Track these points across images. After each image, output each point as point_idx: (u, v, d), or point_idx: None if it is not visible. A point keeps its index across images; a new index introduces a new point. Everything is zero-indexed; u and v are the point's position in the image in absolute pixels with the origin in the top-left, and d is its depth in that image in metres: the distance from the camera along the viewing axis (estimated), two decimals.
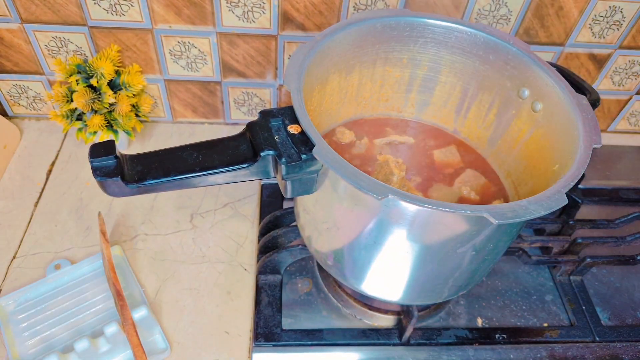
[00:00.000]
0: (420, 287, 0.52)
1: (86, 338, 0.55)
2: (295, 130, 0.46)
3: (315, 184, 0.47)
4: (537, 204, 0.40)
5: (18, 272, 0.64)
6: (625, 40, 0.77)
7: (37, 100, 0.81)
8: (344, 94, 0.61)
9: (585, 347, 0.62)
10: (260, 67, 0.77)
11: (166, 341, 0.58)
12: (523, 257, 0.66)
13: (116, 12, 0.69)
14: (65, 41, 0.72)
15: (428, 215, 0.41)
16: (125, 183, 0.44)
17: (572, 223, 0.70)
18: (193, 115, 0.85)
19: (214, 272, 0.66)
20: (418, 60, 0.60)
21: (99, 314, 0.60)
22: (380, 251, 0.47)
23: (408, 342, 0.60)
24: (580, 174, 0.43)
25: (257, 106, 0.83)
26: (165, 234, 0.70)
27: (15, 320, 0.59)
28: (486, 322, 0.64)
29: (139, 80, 0.74)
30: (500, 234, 0.46)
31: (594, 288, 0.68)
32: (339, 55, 0.56)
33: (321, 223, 0.51)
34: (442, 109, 0.64)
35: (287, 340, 0.59)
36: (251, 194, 0.76)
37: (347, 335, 0.60)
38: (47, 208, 0.72)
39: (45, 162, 0.78)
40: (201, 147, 0.47)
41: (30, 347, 0.57)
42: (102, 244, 0.61)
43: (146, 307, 0.59)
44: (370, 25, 0.55)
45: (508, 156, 0.60)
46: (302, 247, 0.62)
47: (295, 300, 0.64)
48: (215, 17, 0.70)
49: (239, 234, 0.71)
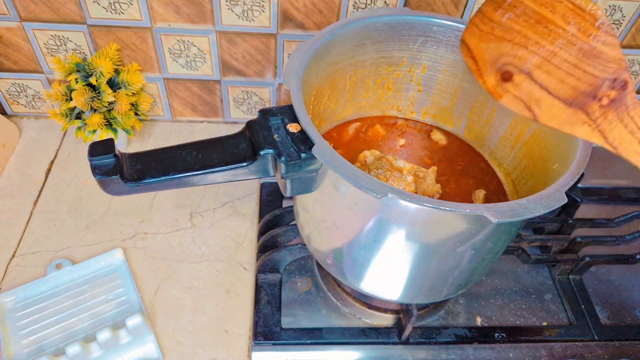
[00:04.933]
0: (420, 286, 0.52)
1: (78, 342, 0.54)
2: (294, 129, 0.46)
3: (315, 182, 0.47)
4: (536, 203, 0.40)
5: (17, 270, 0.64)
6: (625, 39, 0.77)
7: (36, 99, 0.81)
8: (344, 93, 0.61)
9: (584, 346, 0.62)
10: (260, 65, 0.77)
11: (159, 351, 0.58)
12: (522, 256, 0.66)
13: (115, 10, 0.69)
14: (64, 40, 0.72)
15: (427, 214, 0.41)
16: (125, 182, 0.44)
17: (572, 222, 0.70)
18: (192, 114, 0.85)
19: (214, 271, 0.66)
20: (418, 59, 0.60)
21: (95, 317, 0.60)
22: (380, 250, 0.47)
23: (407, 341, 0.60)
24: (580, 173, 0.43)
25: (257, 105, 0.83)
26: (164, 232, 0.70)
27: (13, 318, 0.59)
28: (485, 321, 0.64)
29: (138, 79, 0.74)
30: (500, 233, 0.46)
31: (593, 287, 0.68)
32: (338, 54, 0.55)
33: (320, 222, 0.51)
34: (442, 108, 0.64)
35: (287, 339, 0.59)
36: (250, 193, 0.76)
37: (347, 334, 0.60)
38: (46, 207, 0.72)
39: (44, 160, 0.78)
40: (200, 145, 0.47)
41: (25, 346, 0.57)
42: None
43: (141, 314, 0.57)
44: (370, 24, 0.55)
45: (508, 155, 0.60)
46: (302, 246, 0.62)
47: (295, 299, 0.64)
48: (214, 15, 0.70)
49: (239, 233, 0.71)
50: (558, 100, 0.40)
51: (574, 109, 0.40)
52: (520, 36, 0.41)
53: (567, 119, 0.40)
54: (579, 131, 0.40)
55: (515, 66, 0.42)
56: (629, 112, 0.38)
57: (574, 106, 0.40)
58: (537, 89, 0.41)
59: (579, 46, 0.39)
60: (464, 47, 0.46)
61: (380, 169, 0.56)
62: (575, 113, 0.40)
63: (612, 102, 0.38)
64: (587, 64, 0.39)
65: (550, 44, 0.40)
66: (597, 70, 0.38)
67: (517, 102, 0.43)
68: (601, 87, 0.38)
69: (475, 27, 0.45)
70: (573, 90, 0.39)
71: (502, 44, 0.42)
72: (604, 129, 0.39)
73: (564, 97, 0.40)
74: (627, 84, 0.38)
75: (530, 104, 0.42)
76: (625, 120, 0.38)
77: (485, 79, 0.44)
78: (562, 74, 0.40)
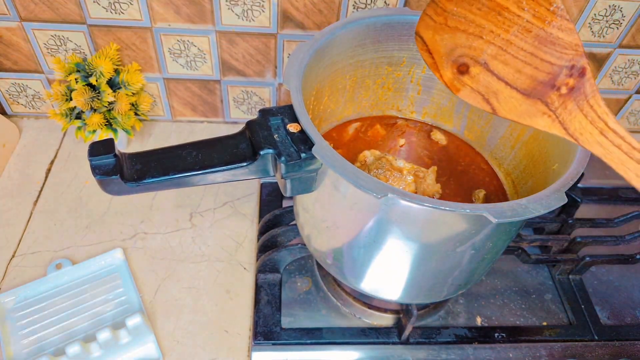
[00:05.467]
0: (420, 286, 0.52)
1: (78, 342, 0.54)
2: (294, 128, 0.46)
3: (315, 182, 0.47)
4: (536, 203, 0.40)
5: (17, 270, 0.64)
6: (625, 39, 0.77)
7: (36, 99, 0.81)
8: (344, 93, 0.61)
9: (584, 346, 0.62)
10: (260, 65, 0.77)
11: (159, 351, 0.58)
12: (522, 256, 0.66)
13: (115, 10, 0.69)
14: (64, 40, 0.72)
15: (427, 214, 0.41)
16: (125, 181, 0.44)
17: (572, 222, 0.70)
18: (192, 114, 0.85)
19: (213, 270, 0.66)
20: (417, 59, 0.60)
21: (94, 317, 0.60)
22: (380, 250, 0.47)
23: (407, 341, 0.60)
24: (580, 173, 0.43)
25: (257, 105, 0.83)
26: (164, 232, 0.70)
27: (13, 318, 0.59)
28: (485, 321, 0.64)
29: (138, 79, 0.74)
30: (500, 233, 0.46)
31: (593, 287, 0.68)
32: (338, 54, 0.55)
33: (320, 222, 0.51)
34: (442, 108, 0.64)
35: (287, 339, 0.59)
36: (250, 193, 0.76)
37: (347, 334, 0.60)
38: (46, 207, 0.72)
39: (44, 160, 0.78)
40: (200, 145, 0.47)
41: (25, 346, 0.57)
42: None
43: (141, 314, 0.58)
44: (370, 24, 0.55)
45: (507, 155, 0.60)
46: (302, 245, 0.62)
47: (295, 299, 0.64)
48: (214, 15, 0.70)
49: (238, 233, 0.71)
50: (516, 91, 0.39)
51: (532, 99, 0.38)
52: (474, 26, 0.39)
53: (526, 110, 0.39)
54: (539, 123, 0.38)
55: (471, 57, 0.40)
56: (589, 101, 0.36)
57: (532, 97, 0.38)
58: (494, 81, 0.40)
59: (535, 33, 0.37)
60: (419, 40, 0.44)
61: (380, 169, 0.56)
62: (534, 104, 0.38)
63: (571, 90, 0.36)
64: (543, 52, 0.37)
65: (506, 32, 0.38)
66: (554, 58, 0.37)
67: (474, 95, 0.41)
68: (559, 75, 0.37)
69: (429, 19, 0.43)
70: (531, 80, 0.38)
71: (456, 34, 0.41)
72: (564, 119, 0.37)
73: (522, 87, 0.38)
74: (584, 71, 0.36)
75: (488, 96, 0.40)
76: (585, 110, 0.36)
77: (442, 72, 0.42)
78: (519, 63, 0.38)
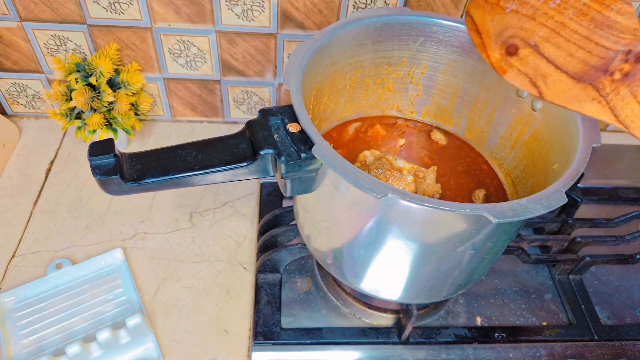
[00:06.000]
0: (420, 286, 0.52)
1: (78, 342, 0.54)
2: (294, 128, 0.46)
3: (315, 182, 0.47)
4: (536, 203, 0.40)
5: (17, 270, 0.64)
6: None
7: (36, 99, 0.81)
8: (344, 93, 0.61)
9: (584, 346, 0.62)
10: (260, 65, 0.77)
11: (159, 351, 0.58)
12: (522, 256, 0.66)
13: (115, 10, 0.69)
14: (64, 39, 0.72)
15: (427, 214, 0.41)
16: (125, 181, 0.44)
17: (572, 222, 0.70)
18: (192, 114, 0.85)
19: (213, 270, 0.66)
20: (417, 59, 0.60)
21: (94, 317, 0.60)
22: (380, 250, 0.47)
23: (407, 340, 0.60)
24: (580, 173, 0.43)
25: (257, 105, 0.83)
26: (164, 232, 0.70)
27: (13, 318, 0.59)
28: (485, 321, 0.64)
29: (138, 79, 0.74)
30: (500, 233, 0.46)
31: (593, 287, 0.68)
32: (338, 54, 0.55)
33: (320, 222, 0.51)
34: (442, 108, 0.64)
35: (287, 339, 0.59)
36: (250, 193, 0.76)
37: (347, 334, 0.60)
38: (46, 207, 0.72)
39: (44, 160, 0.78)
40: (200, 145, 0.47)
41: (25, 346, 0.57)
42: None
43: (141, 314, 0.57)
44: (370, 24, 0.55)
45: (507, 155, 0.60)
46: (302, 245, 0.62)
47: (295, 299, 0.64)
48: (214, 15, 0.70)
49: (238, 233, 0.71)
50: (566, 75, 0.38)
51: (583, 84, 0.37)
52: (527, 7, 0.39)
53: (575, 95, 0.38)
54: (587, 109, 0.38)
55: (522, 39, 0.40)
56: None
57: (583, 81, 0.37)
58: (544, 64, 0.39)
59: (591, 16, 0.36)
60: (468, 20, 0.44)
61: (380, 169, 0.56)
62: (584, 89, 0.37)
63: (625, 76, 0.35)
64: (599, 35, 0.36)
65: (560, 15, 0.37)
66: (609, 42, 0.35)
67: (522, 78, 0.40)
68: (613, 60, 0.35)
69: None
70: (583, 64, 0.37)
71: (508, 15, 0.40)
72: (615, 105, 0.36)
73: (573, 71, 0.37)
74: None
75: (536, 79, 0.40)
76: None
77: (489, 53, 0.42)
78: (571, 46, 0.37)
